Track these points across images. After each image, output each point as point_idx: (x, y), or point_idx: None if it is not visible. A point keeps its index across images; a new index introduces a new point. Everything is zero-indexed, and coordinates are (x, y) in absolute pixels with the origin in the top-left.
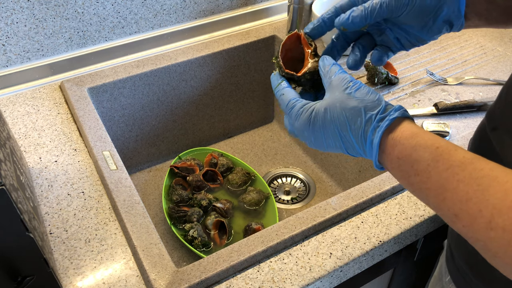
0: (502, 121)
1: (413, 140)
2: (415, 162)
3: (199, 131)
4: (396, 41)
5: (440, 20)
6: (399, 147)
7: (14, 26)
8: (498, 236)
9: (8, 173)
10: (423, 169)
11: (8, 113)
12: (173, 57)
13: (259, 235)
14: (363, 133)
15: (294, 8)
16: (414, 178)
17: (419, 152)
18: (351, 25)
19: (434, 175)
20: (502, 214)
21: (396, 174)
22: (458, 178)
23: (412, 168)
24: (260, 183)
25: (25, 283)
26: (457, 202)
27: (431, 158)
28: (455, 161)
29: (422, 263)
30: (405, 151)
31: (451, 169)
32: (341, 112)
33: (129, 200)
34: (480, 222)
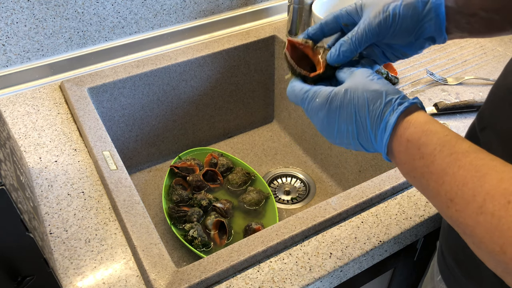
0: (490, 121)
1: (425, 125)
2: (423, 145)
3: (199, 131)
4: (382, 55)
5: (422, 37)
6: (411, 130)
7: (14, 26)
8: (486, 221)
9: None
10: (429, 152)
11: (8, 113)
12: (173, 57)
13: (259, 235)
14: (381, 113)
15: (294, 8)
16: (419, 161)
17: (429, 136)
18: (343, 59)
19: (438, 159)
20: (493, 200)
21: (402, 158)
22: (459, 164)
23: (419, 151)
24: (260, 183)
25: (25, 283)
26: (454, 186)
27: (439, 143)
28: (460, 148)
29: (422, 263)
30: (416, 134)
31: (455, 155)
32: (363, 93)
33: (129, 200)
34: (472, 207)
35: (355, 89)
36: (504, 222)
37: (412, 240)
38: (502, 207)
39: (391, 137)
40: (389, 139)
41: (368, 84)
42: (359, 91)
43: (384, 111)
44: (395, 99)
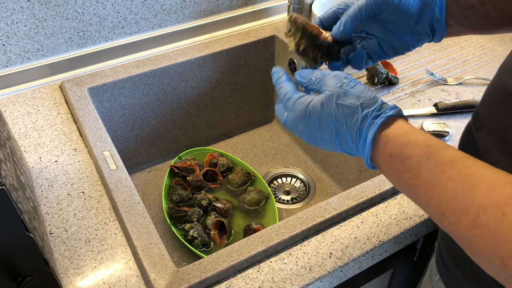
0: (486, 121)
1: (405, 137)
2: (407, 158)
3: (199, 131)
4: (378, 47)
5: (422, 23)
6: (391, 144)
7: (14, 26)
8: (483, 234)
9: (8, 173)
10: (414, 165)
11: (8, 113)
12: (173, 57)
13: (259, 235)
14: (359, 129)
15: (294, 8)
16: (404, 174)
17: (411, 149)
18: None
19: (424, 172)
20: (487, 213)
21: (387, 171)
22: (447, 176)
23: (403, 164)
24: (260, 183)
25: (25, 283)
26: (444, 199)
27: (422, 155)
28: (445, 159)
29: (422, 263)
30: (397, 147)
31: (441, 167)
32: (338, 107)
33: (129, 200)
34: (465, 220)
35: (330, 103)
36: (501, 235)
37: (412, 240)
38: (497, 219)
39: (372, 151)
40: (370, 153)
41: (342, 97)
42: (334, 105)
43: (362, 127)
44: (371, 113)
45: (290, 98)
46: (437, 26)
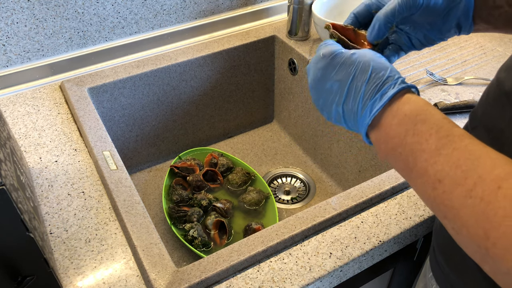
0: (482, 120)
1: (425, 106)
2: (420, 121)
3: (199, 131)
4: (407, 40)
5: (449, 21)
6: (411, 105)
7: (14, 26)
8: (474, 205)
9: (8, 173)
10: (425, 130)
11: (8, 113)
12: (173, 57)
13: (259, 235)
14: (381, 84)
15: (294, 8)
16: (411, 137)
17: (428, 115)
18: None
19: (433, 138)
20: (484, 184)
21: (392, 131)
22: (455, 146)
23: (414, 126)
24: (260, 183)
25: (25, 283)
26: (447, 167)
27: (436, 123)
28: (457, 132)
29: (422, 263)
30: (415, 110)
31: (451, 137)
32: (369, 61)
33: (129, 200)
34: (461, 189)
35: (363, 55)
36: (491, 207)
37: (412, 240)
38: (491, 192)
39: (383, 109)
40: (380, 110)
41: (377, 57)
42: (366, 58)
43: (385, 83)
44: (399, 77)
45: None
46: (464, 24)
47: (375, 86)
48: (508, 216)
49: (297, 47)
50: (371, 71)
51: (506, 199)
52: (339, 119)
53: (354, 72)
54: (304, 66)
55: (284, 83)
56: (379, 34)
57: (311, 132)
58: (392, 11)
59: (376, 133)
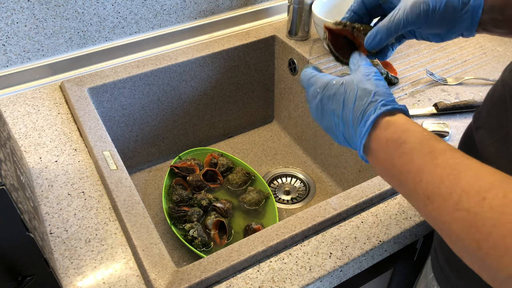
0: (486, 121)
1: (405, 125)
2: (403, 144)
3: (199, 131)
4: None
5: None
6: (391, 129)
7: (14, 26)
8: (462, 217)
9: (8, 173)
10: (408, 151)
11: (9, 113)
12: (173, 57)
13: (259, 235)
14: (364, 110)
15: (294, 8)
16: (397, 160)
17: (408, 135)
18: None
19: (416, 157)
20: (469, 196)
21: (381, 156)
22: (437, 162)
23: (398, 149)
24: (260, 183)
25: (25, 283)
26: (431, 184)
27: (417, 142)
28: (438, 147)
29: (422, 263)
30: (396, 133)
31: (432, 154)
32: (354, 88)
33: (129, 200)
34: (448, 204)
35: (350, 84)
36: (479, 218)
37: (411, 240)
38: (477, 204)
39: (369, 135)
40: (366, 137)
41: (363, 81)
42: (352, 86)
43: (367, 110)
44: (380, 101)
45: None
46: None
47: (359, 114)
48: (496, 226)
49: (297, 47)
50: (355, 99)
51: (492, 210)
52: (345, 142)
53: (343, 101)
54: (304, 66)
55: (284, 83)
56: (378, 45)
57: (311, 132)
58: (397, 26)
59: (369, 158)
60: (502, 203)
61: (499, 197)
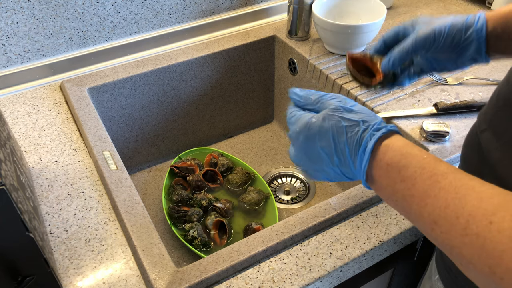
0: (491, 123)
1: (404, 149)
2: (403, 168)
3: (199, 131)
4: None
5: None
6: (390, 153)
7: (14, 26)
8: (472, 242)
9: (8, 173)
10: (410, 175)
11: (8, 113)
12: (173, 57)
13: (259, 235)
14: (359, 139)
15: (294, 8)
16: (400, 184)
17: (408, 159)
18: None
19: (419, 181)
20: (476, 221)
21: (383, 182)
22: (440, 186)
23: (399, 174)
24: (260, 183)
25: (25, 283)
26: (437, 208)
27: (418, 166)
28: (439, 170)
29: (422, 263)
30: (395, 157)
31: (435, 177)
32: (339, 121)
33: (129, 200)
34: (456, 229)
35: (331, 117)
36: (489, 242)
37: (411, 240)
38: (485, 228)
39: (370, 162)
40: (367, 164)
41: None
42: (336, 119)
43: (362, 137)
44: (372, 125)
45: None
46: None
47: (355, 144)
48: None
49: (297, 47)
50: (346, 131)
51: (501, 234)
52: (340, 177)
53: (332, 137)
54: (304, 66)
55: (284, 83)
56: (393, 67)
57: None
58: (406, 49)
59: (372, 185)
60: (509, 226)
61: (506, 220)
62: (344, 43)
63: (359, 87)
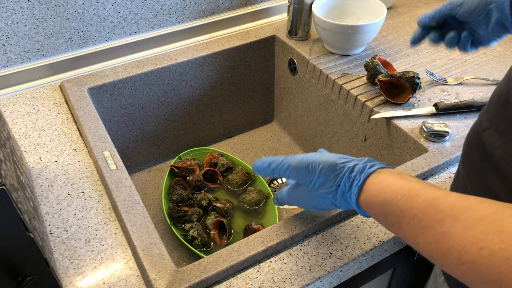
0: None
1: (380, 196)
2: (388, 215)
3: (199, 131)
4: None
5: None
6: (370, 207)
7: (14, 26)
8: (470, 270)
9: (8, 173)
10: (395, 220)
11: (8, 113)
12: (173, 57)
13: (259, 235)
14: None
15: (294, 8)
16: (392, 228)
17: (387, 207)
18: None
19: (404, 224)
20: (467, 250)
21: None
22: (423, 224)
23: (387, 220)
24: (260, 183)
25: (25, 283)
26: (428, 245)
27: (398, 209)
28: (418, 208)
29: (422, 263)
30: (376, 208)
31: (416, 217)
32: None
33: (129, 200)
34: (451, 260)
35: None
36: (485, 268)
37: None
38: (477, 255)
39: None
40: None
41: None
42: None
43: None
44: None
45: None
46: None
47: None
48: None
49: (297, 47)
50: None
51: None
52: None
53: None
54: (304, 66)
55: (284, 83)
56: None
57: (311, 132)
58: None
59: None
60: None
61: (495, 243)
62: (344, 43)
63: (358, 87)
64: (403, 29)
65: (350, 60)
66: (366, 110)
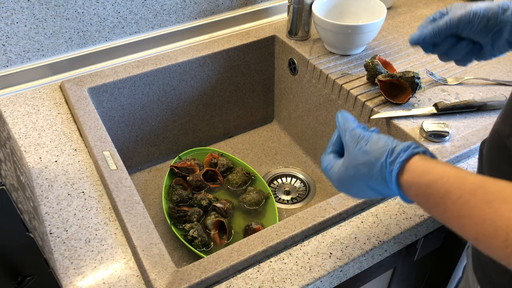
0: None
1: (425, 177)
2: (431, 196)
3: (199, 131)
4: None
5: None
6: (413, 188)
7: (14, 26)
8: None
9: (8, 173)
10: (439, 201)
11: (8, 113)
12: (173, 57)
13: (259, 235)
14: (382, 180)
15: (294, 8)
16: (434, 210)
17: (432, 188)
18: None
19: (449, 205)
20: None
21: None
22: (471, 204)
23: (429, 202)
24: (260, 183)
25: (25, 283)
26: (474, 226)
27: (444, 191)
28: (466, 189)
29: (422, 263)
30: (420, 189)
31: (463, 197)
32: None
33: (129, 200)
34: (497, 242)
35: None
36: None
37: (412, 240)
38: None
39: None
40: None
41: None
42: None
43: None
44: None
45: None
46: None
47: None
48: None
49: (297, 47)
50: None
51: None
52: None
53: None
54: (304, 66)
55: (284, 83)
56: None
57: (311, 132)
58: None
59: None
60: None
61: None
62: (344, 43)
63: (358, 87)
64: (403, 29)
65: (350, 60)
66: (366, 110)
